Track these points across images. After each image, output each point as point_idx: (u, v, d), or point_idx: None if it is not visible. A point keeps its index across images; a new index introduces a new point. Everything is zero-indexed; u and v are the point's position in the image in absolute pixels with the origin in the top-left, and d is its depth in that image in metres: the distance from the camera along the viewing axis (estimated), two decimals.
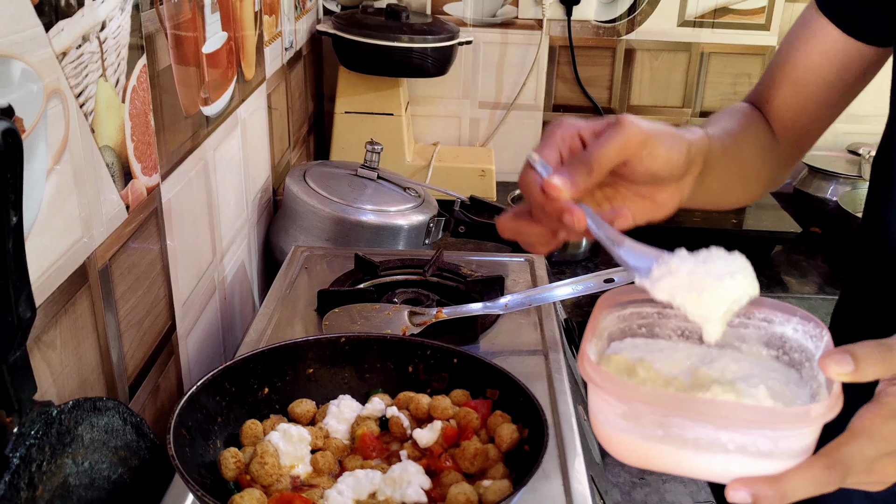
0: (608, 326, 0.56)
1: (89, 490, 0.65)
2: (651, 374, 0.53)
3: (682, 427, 0.47)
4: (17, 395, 0.56)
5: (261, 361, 0.72)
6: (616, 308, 0.57)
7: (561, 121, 0.60)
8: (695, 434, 0.47)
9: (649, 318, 0.58)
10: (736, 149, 0.71)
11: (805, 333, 0.54)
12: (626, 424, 0.48)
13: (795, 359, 0.55)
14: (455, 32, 1.75)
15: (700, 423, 0.46)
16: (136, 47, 0.81)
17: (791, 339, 0.55)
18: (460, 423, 0.68)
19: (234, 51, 1.17)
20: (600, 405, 0.50)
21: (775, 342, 0.56)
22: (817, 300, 1.58)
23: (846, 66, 0.71)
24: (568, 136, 0.58)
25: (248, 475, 0.63)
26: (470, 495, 0.60)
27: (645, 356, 0.55)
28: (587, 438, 0.87)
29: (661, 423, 0.47)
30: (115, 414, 0.69)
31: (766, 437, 0.46)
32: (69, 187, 0.68)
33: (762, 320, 0.56)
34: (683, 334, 0.58)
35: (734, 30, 1.92)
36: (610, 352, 0.56)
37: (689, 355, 0.56)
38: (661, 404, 0.48)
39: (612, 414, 0.49)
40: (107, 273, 0.76)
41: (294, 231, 1.34)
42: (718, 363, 0.54)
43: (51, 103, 0.64)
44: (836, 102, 0.74)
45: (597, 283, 0.97)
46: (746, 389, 0.50)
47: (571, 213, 0.53)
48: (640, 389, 0.49)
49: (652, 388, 0.52)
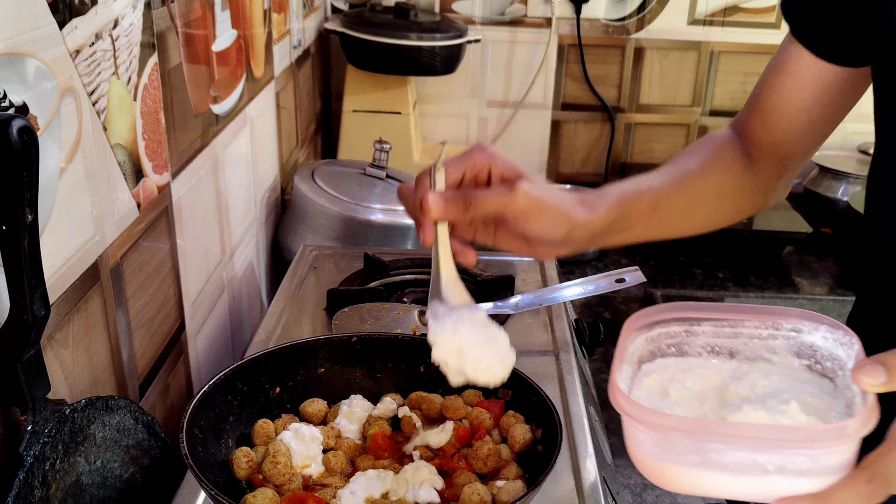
0: (637, 350, 0.56)
1: (101, 489, 0.65)
2: (683, 395, 0.53)
3: (718, 452, 0.46)
4: (31, 394, 0.56)
5: (272, 361, 0.72)
6: (643, 330, 0.56)
7: (483, 147, 0.65)
8: (732, 458, 0.46)
9: (677, 337, 0.57)
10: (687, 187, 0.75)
11: (835, 342, 0.54)
12: (663, 453, 0.48)
13: (828, 367, 0.54)
14: (463, 31, 1.75)
15: (736, 446, 0.46)
16: (147, 45, 0.81)
17: (822, 348, 0.55)
18: (473, 423, 0.68)
19: (244, 49, 1.17)
20: (635, 434, 0.49)
21: (806, 352, 0.56)
22: (829, 301, 1.57)
23: (823, 90, 0.71)
24: (478, 167, 0.64)
25: (260, 474, 0.63)
26: (484, 495, 0.59)
27: (675, 376, 0.55)
28: (598, 439, 0.87)
29: (697, 449, 0.47)
30: (127, 412, 0.69)
31: (804, 456, 0.46)
32: (82, 185, 0.68)
33: (791, 330, 0.56)
34: (713, 350, 0.58)
35: (744, 28, 1.92)
36: (641, 375, 0.56)
37: (719, 371, 0.56)
38: (695, 431, 0.47)
39: (647, 443, 0.48)
40: (118, 271, 0.76)
41: (302, 230, 1.34)
42: (748, 379, 0.54)
43: (64, 101, 0.64)
44: (819, 125, 0.75)
45: (608, 282, 0.96)
46: (777, 406, 0.50)
47: (422, 230, 0.61)
48: (672, 418, 0.48)
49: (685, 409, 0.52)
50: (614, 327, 1.48)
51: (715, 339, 0.57)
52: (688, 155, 0.79)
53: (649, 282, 1.50)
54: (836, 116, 0.75)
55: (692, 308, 0.57)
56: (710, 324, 0.57)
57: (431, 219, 0.61)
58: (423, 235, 0.62)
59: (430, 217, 0.61)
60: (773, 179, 0.80)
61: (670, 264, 1.68)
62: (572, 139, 2.05)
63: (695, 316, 0.57)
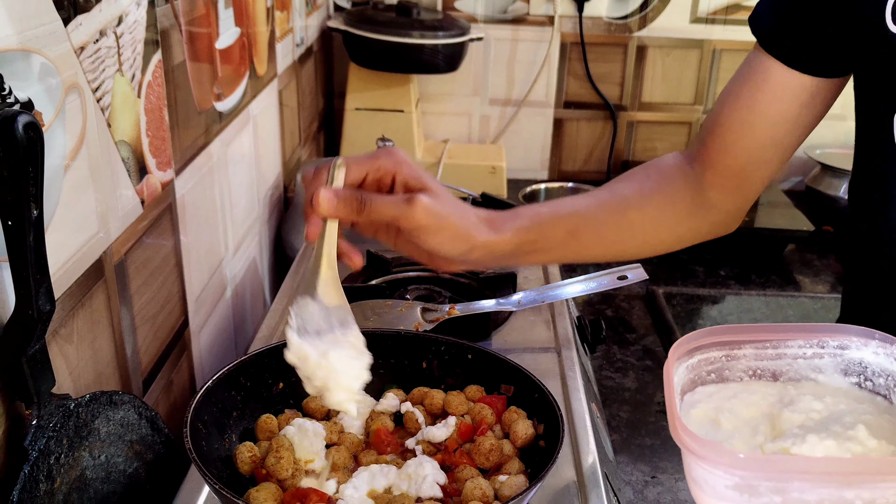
0: (680, 380, 0.54)
1: (105, 483, 0.65)
2: (736, 424, 0.51)
3: (801, 490, 0.44)
4: (36, 388, 0.56)
5: (275, 356, 0.72)
6: (683, 358, 0.54)
7: (392, 151, 0.64)
8: (817, 496, 0.44)
9: (717, 363, 0.56)
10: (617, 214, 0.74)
11: (888, 356, 0.52)
12: (740, 497, 0.45)
13: (881, 384, 0.53)
14: (466, 29, 1.75)
15: (823, 484, 0.44)
16: (151, 42, 0.81)
17: (872, 364, 0.53)
18: (475, 418, 0.68)
19: (247, 46, 1.17)
20: (704, 477, 0.46)
21: (855, 369, 0.54)
22: (830, 300, 1.57)
23: (792, 102, 0.69)
24: (383, 170, 0.63)
25: (263, 469, 0.63)
26: (486, 490, 0.59)
27: (723, 405, 0.53)
28: (600, 435, 0.87)
29: (779, 489, 0.44)
30: (131, 408, 0.69)
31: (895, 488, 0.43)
32: (86, 182, 0.68)
33: (837, 347, 0.54)
34: (755, 374, 0.56)
35: (746, 27, 1.91)
36: (686, 406, 0.54)
37: (765, 396, 0.54)
38: (777, 470, 0.45)
39: (720, 486, 0.45)
40: (122, 268, 0.76)
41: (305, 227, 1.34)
42: (801, 403, 0.52)
43: (69, 97, 0.64)
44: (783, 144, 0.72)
45: (610, 280, 0.96)
46: (844, 432, 0.48)
47: (309, 226, 0.60)
48: (750, 458, 0.45)
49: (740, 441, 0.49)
50: (616, 325, 1.49)
51: (757, 362, 0.55)
52: (626, 180, 0.77)
53: (651, 279, 1.50)
54: (801, 135, 0.72)
55: (732, 331, 0.56)
56: (751, 346, 0.55)
57: (318, 215, 0.59)
58: (308, 229, 0.60)
59: (317, 213, 0.59)
60: (724, 209, 0.77)
61: (672, 262, 1.68)
62: (574, 137, 2.05)
63: (735, 339, 0.56)
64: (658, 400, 1.20)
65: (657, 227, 0.77)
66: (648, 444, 1.10)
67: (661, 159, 0.80)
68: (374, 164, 0.63)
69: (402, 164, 0.63)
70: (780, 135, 0.71)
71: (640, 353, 1.33)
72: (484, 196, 1.48)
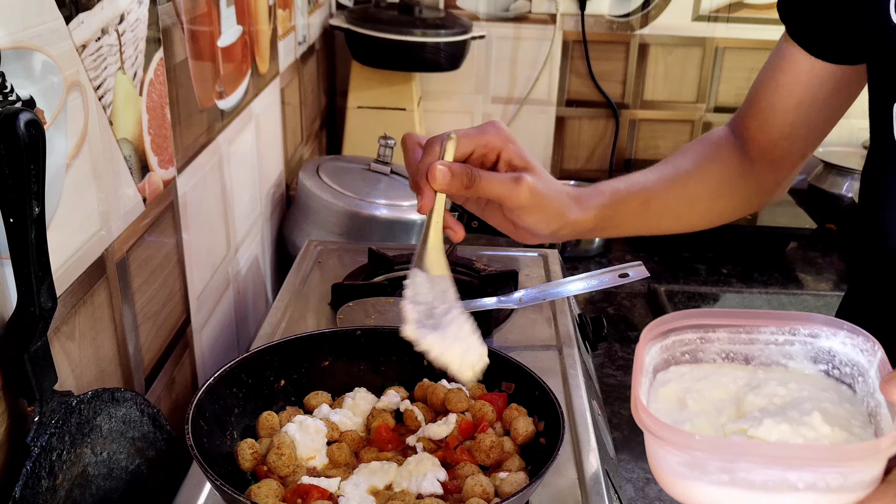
0: (653, 360, 0.55)
1: (107, 480, 0.65)
2: (702, 405, 0.53)
3: (748, 471, 0.46)
4: (39, 385, 0.57)
5: (277, 354, 0.72)
6: (657, 339, 0.56)
7: (498, 127, 0.65)
8: (762, 476, 0.46)
9: (692, 345, 0.57)
10: (681, 186, 0.77)
11: (854, 347, 0.53)
12: (691, 472, 0.47)
13: (846, 373, 0.54)
14: (468, 27, 1.75)
15: (767, 465, 0.46)
16: (153, 40, 0.81)
17: (840, 353, 0.54)
18: (475, 415, 0.68)
19: (249, 45, 1.17)
20: (660, 454, 0.48)
21: (823, 357, 0.55)
22: (833, 297, 1.57)
23: (818, 88, 0.72)
24: (489, 147, 0.64)
25: (265, 466, 0.63)
26: (486, 486, 0.60)
27: (692, 385, 0.55)
28: (601, 433, 0.87)
29: (727, 468, 0.46)
30: (133, 405, 0.69)
31: (836, 473, 0.45)
32: (88, 180, 0.68)
33: (808, 336, 0.55)
34: (728, 357, 0.57)
35: (749, 24, 1.91)
36: (657, 384, 0.55)
37: (734, 378, 0.55)
38: (725, 452, 0.47)
39: (674, 462, 0.48)
40: (124, 265, 0.76)
41: (307, 225, 1.34)
42: (765, 388, 0.53)
43: (70, 96, 0.64)
44: (815, 125, 0.75)
45: (611, 277, 0.96)
46: (800, 418, 0.49)
47: (422, 197, 0.61)
48: (702, 440, 0.48)
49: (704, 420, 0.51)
50: (618, 323, 1.49)
51: (730, 346, 0.56)
52: (683, 154, 0.80)
53: (653, 277, 1.50)
54: (832, 116, 0.75)
55: (707, 315, 0.57)
56: (725, 330, 0.57)
57: (434, 188, 0.61)
58: (422, 202, 0.62)
59: (433, 186, 0.60)
60: (770, 179, 0.81)
61: (674, 260, 1.68)
62: (577, 135, 2.05)
63: (710, 323, 0.57)
64: None
65: (717, 197, 0.79)
66: None
67: (710, 133, 0.82)
68: (481, 140, 0.64)
69: (508, 142, 0.65)
70: (808, 116, 0.74)
71: None
72: None
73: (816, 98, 0.73)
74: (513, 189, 0.62)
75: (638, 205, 0.74)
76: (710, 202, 0.80)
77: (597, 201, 0.70)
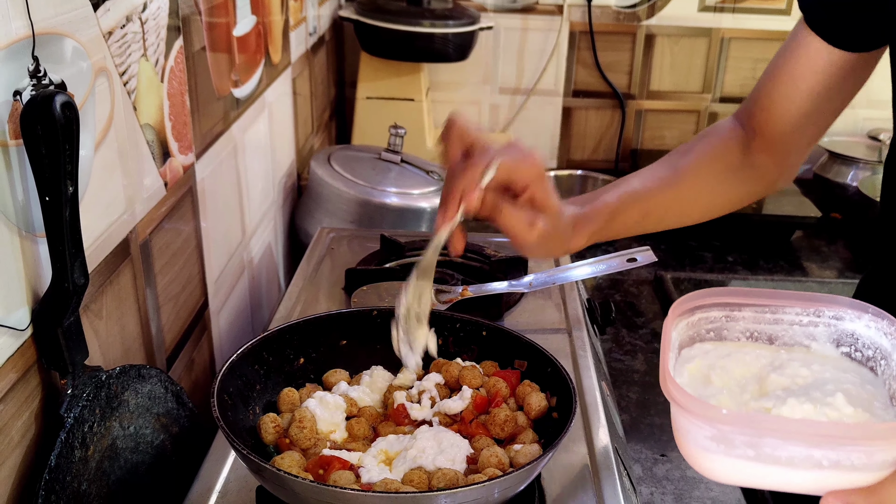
0: (679, 336, 0.57)
1: (134, 453, 0.68)
2: (726, 382, 0.54)
3: (773, 447, 0.47)
4: (71, 359, 0.59)
5: (296, 333, 0.74)
6: (684, 316, 0.57)
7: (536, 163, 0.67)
8: (787, 453, 0.47)
9: (717, 322, 0.58)
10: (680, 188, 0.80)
11: (878, 330, 0.54)
12: (717, 446, 0.48)
13: (869, 356, 0.55)
14: (476, 18, 1.76)
15: (793, 442, 0.47)
16: (173, 28, 0.83)
17: (864, 336, 0.55)
18: (490, 391, 0.70)
19: (263, 34, 1.19)
20: (687, 427, 0.49)
21: (846, 339, 0.56)
22: (837, 285, 1.58)
23: (833, 77, 0.73)
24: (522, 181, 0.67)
25: (286, 439, 0.65)
26: (502, 457, 0.62)
27: (716, 362, 0.56)
28: (611, 413, 0.89)
29: (753, 443, 0.47)
30: (158, 382, 0.72)
31: (860, 452, 0.46)
32: (114, 163, 0.70)
33: (832, 318, 0.57)
34: (752, 336, 0.58)
35: (754, 15, 1.93)
36: (682, 360, 0.56)
37: (758, 357, 0.56)
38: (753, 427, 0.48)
39: (700, 436, 0.48)
40: (147, 248, 0.79)
41: (319, 214, 1.36)
42: (789, 368, 0.54)
43: (98, 81, 0.66)
44: (823, 114, 0.77)
45: (619, 262, 0.98)
46: (823, 398, 0.50)
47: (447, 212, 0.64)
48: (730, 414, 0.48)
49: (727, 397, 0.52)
50: (625, 310, 1.50)
51: (755, 325, 0.58)
52: (685, 154, 0.82)
53: (659, 265, 1.52)
54: (841, 105, 0.77)
55: (734, 293, 0.58)
56: (750, 309, 0.58)
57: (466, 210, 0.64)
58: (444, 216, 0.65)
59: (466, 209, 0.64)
60: (774, 170, 0.82)
61: (680, 248, 1.70)
62: (583, 126, 2.07)
63: (736, 301, 0.58)
64: None
65: (716, 193, 0.82)
66: (658, 423, 1.12)
67: (714, 127, 0.84)
68: (518, 173, 0.66)
69: (540, 180, 0.68)
70: (819, 105, 0.75)
71: (648, 336, 1.35)
72: None
73: (830, 87, 0.74)
74: (525, 231, 0.67)
75: (636, 214, 0.78)
76: (711, 197, 0.82)
77: (594, 224, 0.75)
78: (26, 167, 0.54)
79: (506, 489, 0.58)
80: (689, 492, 0.99)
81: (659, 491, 0.99)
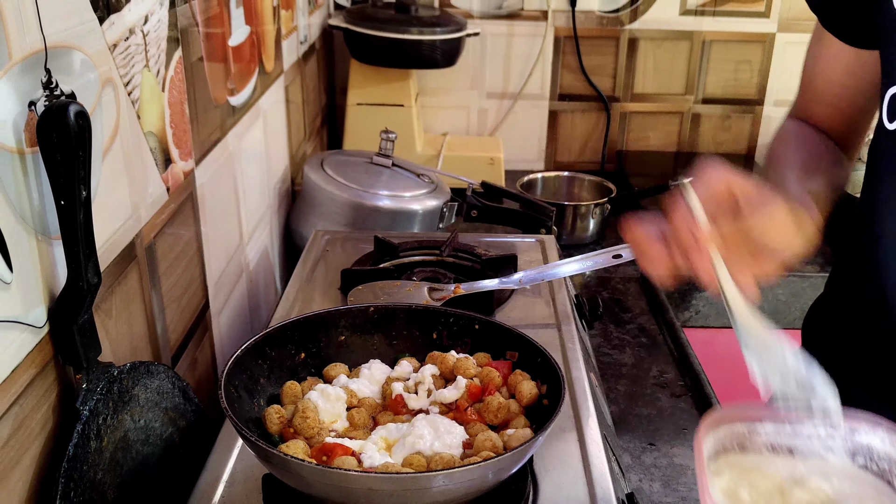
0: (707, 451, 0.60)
1: (145, 446, 0.71)
2: (755, 497, 0.57)
3: None
4: (86, 354, 0.62)
5: (297, 329, 0.78)
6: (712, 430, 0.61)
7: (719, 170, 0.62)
8: None
9: (740, 437, 0.62)
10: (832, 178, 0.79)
11: (892, 444, 0.58)
12: None
13: (885, 468, 0.59)
14: (463, 24, 1.80)
15: None
16: (172, 40, 0.86)
17: (878, 449, 0.59)
18: (483, 381, 0.74)
19: (256, 44, 1.23)
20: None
21: (862, 450, 0.60)
22: (818, 279, 1.63)
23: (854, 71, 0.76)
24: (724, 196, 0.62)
25: (290, 429, 0.68)
26: (496, 441, 0.65)
27: (742, 477, 0.59)
28: (600, 403, 0.93)
29: None
30: (165, 378, 0.75)
31: None
32: (120, 170, 0.74)
33: (848, 430, 0.60)
34: (773, 449, 0.62)
35: (735, 17, 1.97)
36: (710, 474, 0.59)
37: (778, 469, 0.60)
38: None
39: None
40: (152, 251, 0.82)
41: (313, 217, 1.40)
42: (810, 483, 0.58)
43: (104, 91, 0.69)
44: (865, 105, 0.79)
45: (605, 258, 1.02)
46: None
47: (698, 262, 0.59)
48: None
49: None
50: (612, 306, 1.53)
51: (776, 438, 0.61)
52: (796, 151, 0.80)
53: None
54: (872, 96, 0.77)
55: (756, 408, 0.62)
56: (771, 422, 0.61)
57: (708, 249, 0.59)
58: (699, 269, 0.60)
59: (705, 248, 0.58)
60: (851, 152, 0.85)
61: None
62: (569, 129, 2.11)
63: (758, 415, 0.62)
64: (653, 373, 1.26)
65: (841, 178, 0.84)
66: (645, 413, 1.16)
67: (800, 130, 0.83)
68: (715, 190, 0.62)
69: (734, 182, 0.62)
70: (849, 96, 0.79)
71: (635, 331, 1.39)
72: (484, 184, 1.54)
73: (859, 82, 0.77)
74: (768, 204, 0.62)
75: None
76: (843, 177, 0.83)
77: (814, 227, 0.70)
78: (42, 173, 0.58)
79: (500, 469, 0.62)
80: (676, 478, 1.03)
81: (647, 478, 1.03)
